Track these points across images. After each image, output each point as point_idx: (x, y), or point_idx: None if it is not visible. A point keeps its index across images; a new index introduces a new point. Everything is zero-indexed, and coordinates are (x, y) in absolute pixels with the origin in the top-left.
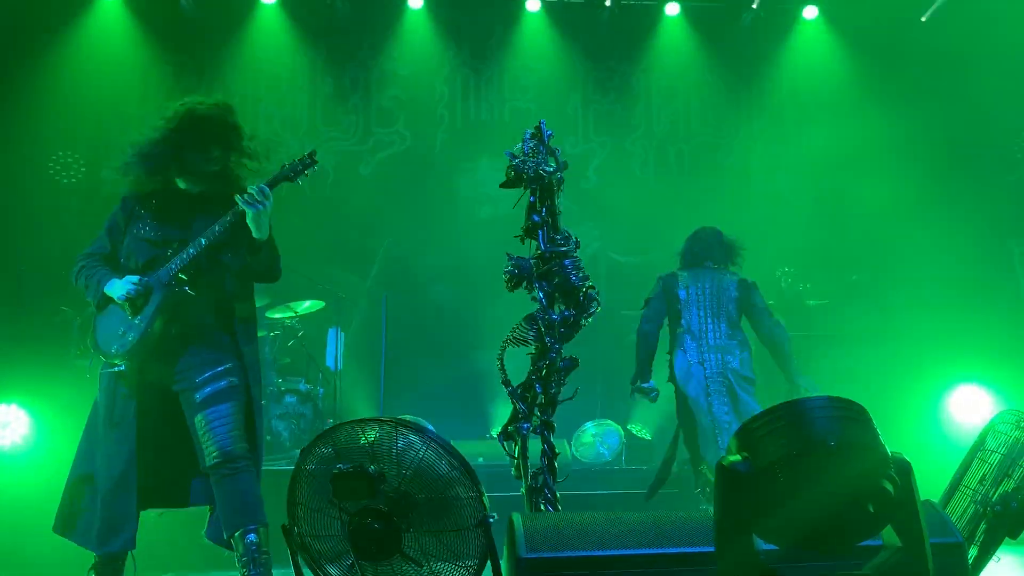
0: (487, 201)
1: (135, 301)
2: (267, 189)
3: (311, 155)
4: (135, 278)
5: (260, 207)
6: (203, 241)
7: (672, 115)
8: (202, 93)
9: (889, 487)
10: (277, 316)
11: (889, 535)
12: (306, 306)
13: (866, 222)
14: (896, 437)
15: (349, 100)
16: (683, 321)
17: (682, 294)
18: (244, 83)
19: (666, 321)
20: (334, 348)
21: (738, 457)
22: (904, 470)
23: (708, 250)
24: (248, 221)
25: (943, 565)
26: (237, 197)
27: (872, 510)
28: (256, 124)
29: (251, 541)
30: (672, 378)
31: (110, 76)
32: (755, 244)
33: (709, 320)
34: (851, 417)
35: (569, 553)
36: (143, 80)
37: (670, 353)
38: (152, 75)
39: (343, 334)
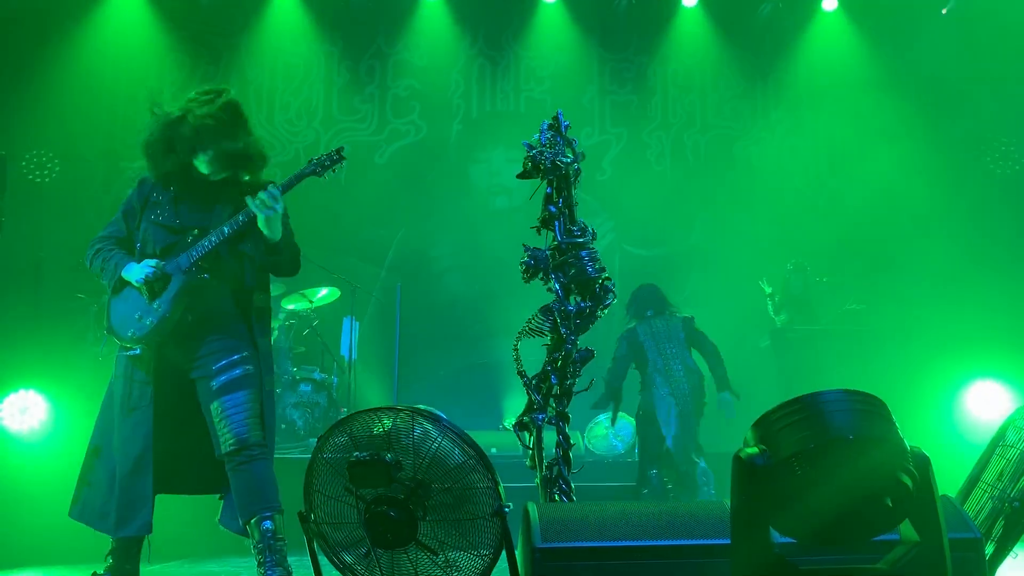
0: (502, 192)
1: (153, 285)
2: (278, 194)
3: (339, 151)
4: (153, 262)
5: (270, 212)
6: (225, 230)
7: (689, 107)
8: (218, 82)
9: (907, 481)
10: (292, 305)
11: (907, 529)
12: (321, 295)
13: (884, 215)
14: (913, 432)
15: (365, 89)
16: (650, 364)
17: (645, 342)
18: (260, 72)
19: (633, 365)
20: (348, 337)
21: (755, 450)
22: (923, 464)
23: (647, 302)
24: (260, 225)
25: (960, 560)
26: (248, 199)
27: (890, 504)
28: (272, 112)
29: (267, 528)
30: (642, 408)
31: (127, 66)
32: (770, 237)
33: (670, 358)
34: (870, 411)
35: (584, 543)
36: (159, 70)
37: (642, 392)
38: (168, 65)
39: (357, 323)
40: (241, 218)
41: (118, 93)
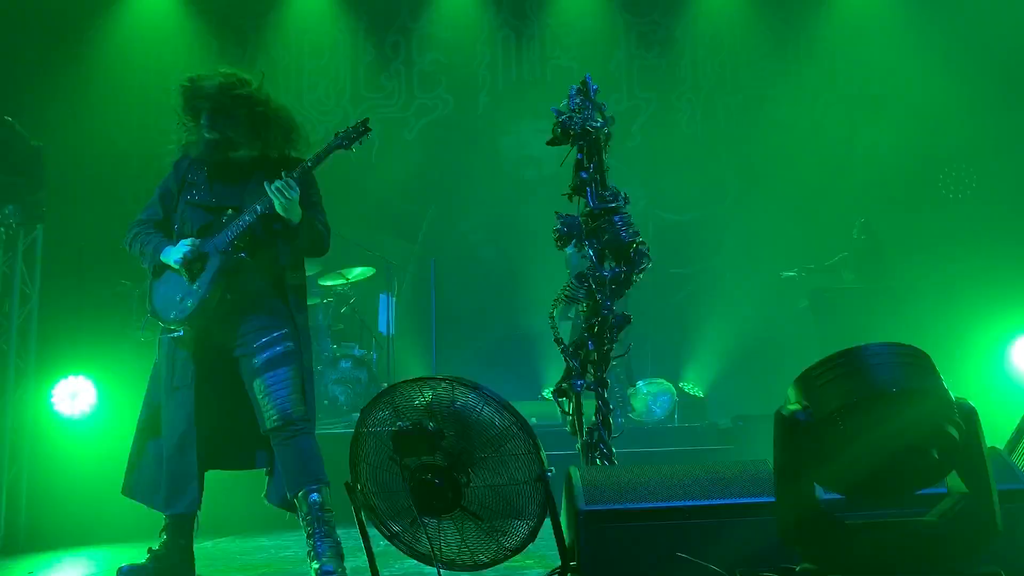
0: (531, 163)
1: (191, 266)
2: (292, 182)
3: (364, 123)
4: (189, 241)
5: (283, 201)
6: (259, 208)
7: (719, 68)
8: (245, 65)
9: (954, 432)
10: (329, 283)
11: (954, 481)
12: (357, 273)
13: (926, 168)
14: (958, 385)
15: (391, 65)
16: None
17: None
18: (287, 52)
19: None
20: (386, 313)
21: (798, 406)
22: (969, 415)
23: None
24: (278, 210)
25: (1009, 512)
26: (266, 184)
27: (937, 456)
28: (300, 93)
29: (314, 500)
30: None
31: (156, 52)
32: (806, 196)
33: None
34: (913, 363)
35: (628, 505)
36: (187, 55)
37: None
38: (196, 50)
39: (394, 299)
40: (268, 203)
41: (149, 79)
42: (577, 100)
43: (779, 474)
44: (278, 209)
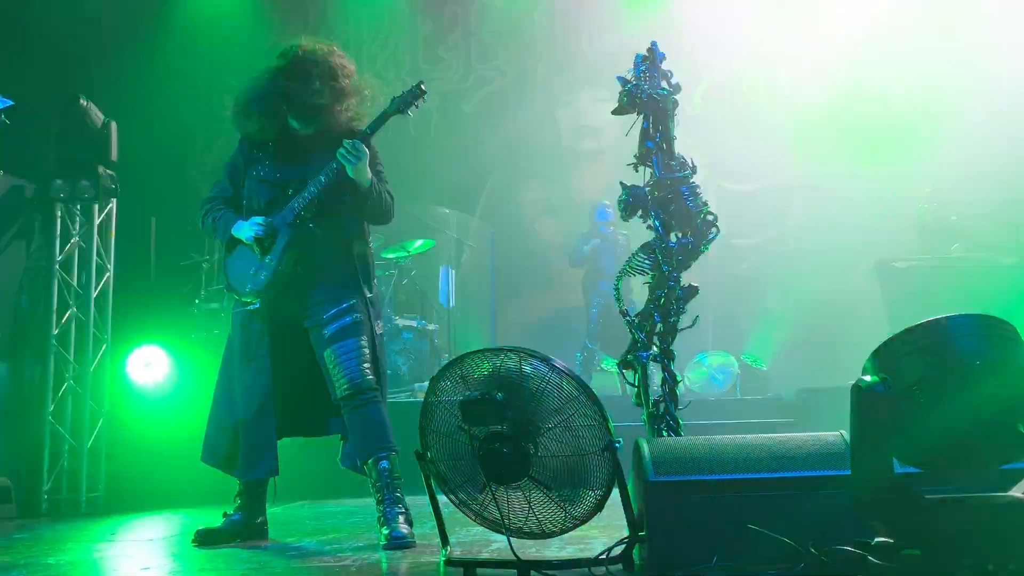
0: (589, 133)
1: (262, 241)
2: (360, 144)
3: (419, 86)
4: (260, 219)
5: (355, 161)
6: (323, 179)
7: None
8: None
9: None
10: (391, 255)
11: None
12: (418, 245)
13: (1004, 135)
14: None
15: (449, 37)
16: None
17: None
18: (347, 26)
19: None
20: (446, 285)
21: (876, 378)
22: None
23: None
24: (350, 174)
25: None
26: (338, 151)
27: (1022, 430)
28: (360, 66)
29: (383, 467)
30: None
31: (219, 30)
32: (875, 165)
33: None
34: (998, 335)
35: (697, 476)
36: (250, 32)
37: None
38: (258, 26)
39: (454, 271)
40: (335, 166)
41: (213, 57)
42: (643, 67)
43: (856, 446)
44: (350, 172)
